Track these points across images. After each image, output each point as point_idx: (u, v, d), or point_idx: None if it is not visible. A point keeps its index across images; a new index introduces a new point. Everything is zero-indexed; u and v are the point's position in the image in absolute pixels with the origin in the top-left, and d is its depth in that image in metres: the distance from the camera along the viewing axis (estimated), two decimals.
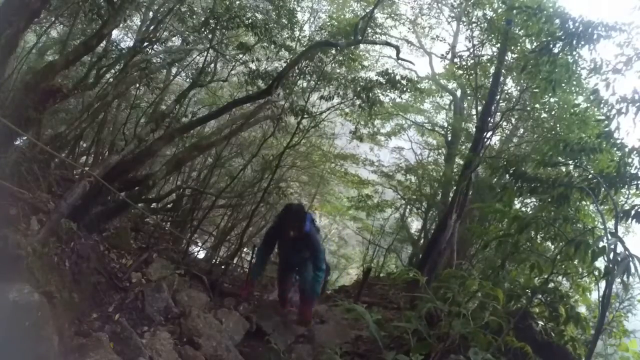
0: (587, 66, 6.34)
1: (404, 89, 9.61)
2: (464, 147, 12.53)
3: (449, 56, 12.05)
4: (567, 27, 5.07)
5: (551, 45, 5.18)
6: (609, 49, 5.67)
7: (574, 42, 5.01)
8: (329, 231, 21.50)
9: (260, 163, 11.24)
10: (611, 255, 3.05)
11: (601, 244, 3.17)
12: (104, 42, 7.64)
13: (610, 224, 3.81)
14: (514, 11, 6.32)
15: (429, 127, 15.20)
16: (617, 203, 4.03)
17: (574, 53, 5.53)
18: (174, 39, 9.89)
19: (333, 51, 8.86)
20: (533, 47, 6.06)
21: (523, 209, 8.41)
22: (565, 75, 5.84)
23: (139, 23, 11.51)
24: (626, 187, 4.41)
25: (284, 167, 12.43)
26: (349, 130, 12.72)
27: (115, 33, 9.65)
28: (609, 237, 3.22)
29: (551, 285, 3.87)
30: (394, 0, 12.79)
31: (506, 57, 8.48)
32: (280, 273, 6.14)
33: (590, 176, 4.45)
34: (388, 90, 9.65)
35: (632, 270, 2.92)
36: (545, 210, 4.56)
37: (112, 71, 8.42)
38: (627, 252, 3.00)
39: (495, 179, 7.78)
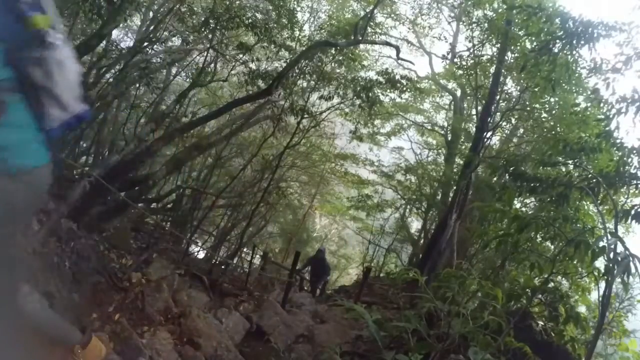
0: (587, 66, 6.34)
1: (404, 88, 9.62)
2: (464, 147, 12.52)
3: (449, 56, 12.05)
4: (567, 27, 5.07)
5: (551, 45, 5.18)
6: (608, 48, 5.67)
7: (574, 41, 5.01)
8: (329, 231, 21.53)
9: (260, 163, 11.23)
10: (611, 255, 3.05)
11: (601, 244, 3.17)
12: (104, 42, 7.64)
13: (610, 224, 3.80)
14: (514, 11, 6.33)
15: (429, 127, 15.21)
16: (616, 203, 4.03)
17: (574, 52, 5.52)
18: (174, 39, 9.90)
19: (333, 51, 8.86)
20: (533, 46, 6.05)
21: (523, 209, 8.42)
22: (565, 74, 5.84)
23: (139, 23, 11.53)
24: (626, 186, 4.40)
25: (284, 167, 12.43)
26: (349, 130, 12.73)
27: (115, 33, 9.66)
28: (609, 237, 3.22)
29: (551, 285, 3.87)
30: (394, 0, 12.78)
31: (506, 57, 8.48)
32: None
33: (590, 176, 4.45)
34: (388, 90, 9.66)
35: (632, 270, 2.92)
36: (545, 210, 4.56)
37: (112, 71, 8.43)
38: (627, 252, 3.00)
39: (495, 179, 7.78)
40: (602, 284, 3.37)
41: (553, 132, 8.24)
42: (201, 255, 11.76)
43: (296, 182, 16.72)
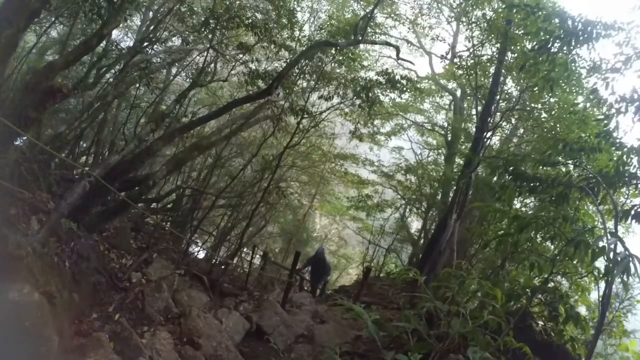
0: (586, 65, 6.34)
1: (404, 88, 9.60)
2: (464, 147, 12.52)
3: (449, 56, 12.05)
4: (566, 26, 5.06)
5: (550, 44, 5.17)
6: (608, 48, 5.66)
7: (573, 41, 5.01)
8: (329, 231, 21.53)
9: (260, 163, 11.24)
10: (611, 255, 3.05)
11: (601, 244, 3.17)
12: (104, 42, 7.64)
13: (610, 224, 3.80)
14: (513, 10, 6.32)
15: (429, 127, 15.20)
16: (616, 203, 4.03)
17: (573, 52, 5.51)
18: (174, 39, 9.89)
19: (333, 51, 8.86)
20: (532, 46, 6.03)
21: (523, 208, 8.42)
22: (564, 74, 5.83)
23: (139, 23, 11.53)
24: (625, 186, 4.40)
25: (284, 167, 12.43)
26: (348, 130, 12.72)
27: (115, 33, 9.65)
28: (609, 237, 3.22)
29: (551, 285, 3.88)
30: (394, 0, 12.78)
31: (506, 57, 8.48)
32: None
33: (590, 175, 4.44)
34: (388, 90, 9.65)
35: (632, 270, 2.92)
36: (545, 209, 4.56)
37: (112, 71, 8.43)
38: (627, 252, 3.00)
39: (495, 179, 7.78)
40: (602, 284, 3.38)
41: (553, 132, 8.24)
42: (201, 255, 11.77)
43: (296, 182, 16.72)
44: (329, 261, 11.81)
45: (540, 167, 5.34)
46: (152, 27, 9.12)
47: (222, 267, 9.09)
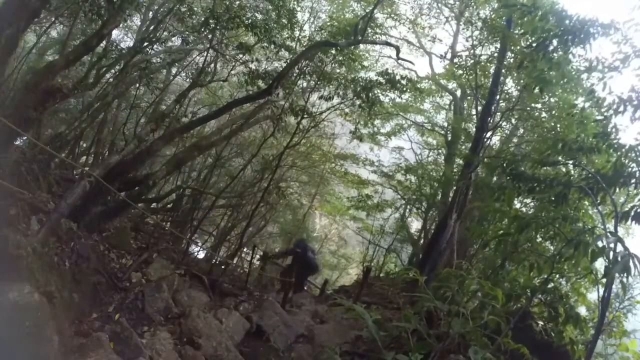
0: (584, 65, 6.33)
1: (404, 88, 9.60)
2: (464, 147, 12.52)
3: (449, 56, 12.06)
4: (563, 25, 5.06)
5: (547, 42, 5.16)
6: (606, 47, 5.66)
7: (570, 40, 5.00)
8: (329, 231, 21.53)
9: (260, 163, 11.23)
10: (611, 255, 3.05)
11: (600, 244, 3.17)
12: (104, 42, 7.65)
13: (610, 225, 3.80)
14: (511, 9, 6.31)
15: (429, 127, 15.20)
16: (616, 203, 4.03)
17: (569, 51, 5.50)
18: (174, 39, 9.89)
19: (333, 51, 8.86)
20: (529, 43, 6.02)
21: (523, 209, 8.42)
22: (559, 73, 5.82)
23: (139, 23, 11.53)
24: (624, 186, 4.40)
25: (284, 167, 12.42)
26: (349, 130, 12.71)
27: (115, 33, 9.66)
28: (609, 236, 3.22)
29: (551, 285, 3.88)
30: (394, 0, 12.78)
31: (506, 57, 8.48)
32: None
33: (589, 175, 4.44)
34: (388, 90, 9.65)
35: (632, 270, 2.92)
36: (545, 209, 4.56)
37: (112, 71, 8.43)
38: (626, 252, 3.00)
39: (495, 179, 7.79)
40: (602, 285, 3.38)
41: (553, 132, 8.24)
42: (201, 255, 11.76)
43: (296, 182, 16.71)
44: (312, 257, 10.27)
45: (540, 167, 5.34)
46: (152, 27, 9.13)
47: (222, 267, 9.09)
